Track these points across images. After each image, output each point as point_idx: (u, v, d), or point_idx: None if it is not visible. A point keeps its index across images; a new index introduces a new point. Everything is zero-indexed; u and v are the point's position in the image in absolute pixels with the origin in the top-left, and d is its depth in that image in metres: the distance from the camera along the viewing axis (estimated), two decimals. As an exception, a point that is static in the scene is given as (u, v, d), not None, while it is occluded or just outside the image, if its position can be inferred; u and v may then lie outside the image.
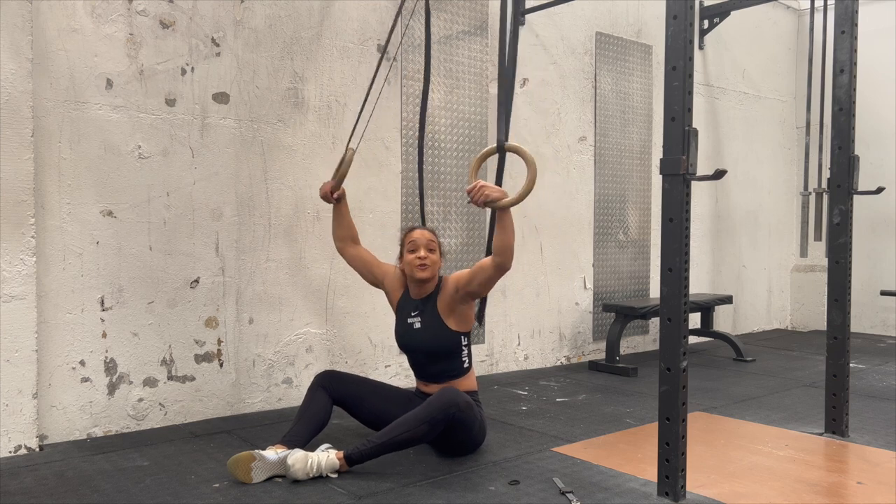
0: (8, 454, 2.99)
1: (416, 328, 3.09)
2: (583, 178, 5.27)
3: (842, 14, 3.27)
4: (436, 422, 2.73)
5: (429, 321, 3.06)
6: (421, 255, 3.03)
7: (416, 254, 3.04)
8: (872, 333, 6.59)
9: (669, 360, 2.52)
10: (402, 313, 3.16)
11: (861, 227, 6.19)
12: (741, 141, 6.57)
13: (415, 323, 3.09)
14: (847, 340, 3.30)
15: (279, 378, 3.84)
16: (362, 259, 3.29)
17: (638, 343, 5.73)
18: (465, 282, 2.97)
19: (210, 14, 3.56)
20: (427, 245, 3.05)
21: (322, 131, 3.96)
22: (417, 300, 3.12)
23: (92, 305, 3.27)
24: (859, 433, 3.36)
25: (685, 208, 2.48)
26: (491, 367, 4.78)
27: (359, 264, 3.30)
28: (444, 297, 3.03)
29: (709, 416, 3.69)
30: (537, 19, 4.95)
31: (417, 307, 3.11)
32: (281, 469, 2.67)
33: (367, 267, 3.28)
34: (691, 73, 2.48)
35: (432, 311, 3.06)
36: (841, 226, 3.26)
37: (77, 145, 3.22)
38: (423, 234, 3.08)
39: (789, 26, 7.08)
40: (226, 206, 3.64)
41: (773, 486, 2.67)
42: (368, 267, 3.28)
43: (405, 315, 3.14)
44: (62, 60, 3.18)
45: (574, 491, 2.57)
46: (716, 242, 6.37)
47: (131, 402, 3.39)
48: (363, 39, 4.12)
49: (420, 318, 3.08)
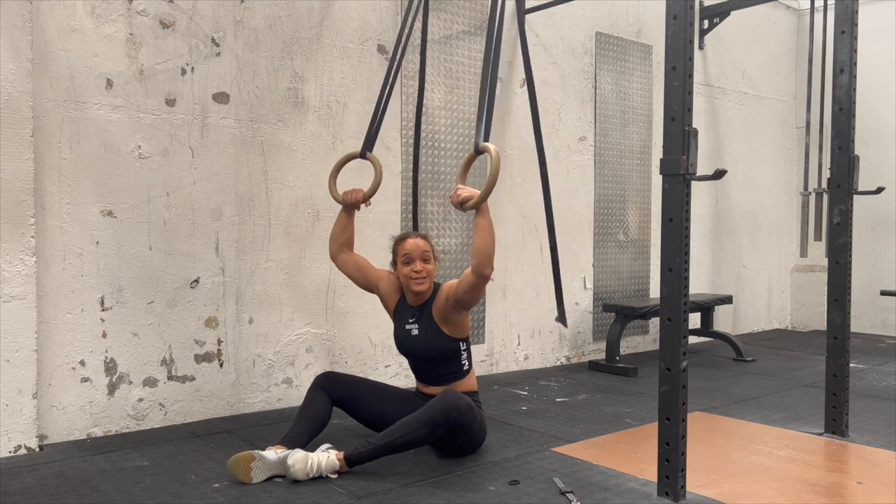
0: (8, 454, 2.99)
1: (414, 335, 3.08)
2: (583, 178, 5.27)
3: (842, 14, 3.27)
4: (436, 425, 2.73)
5: (426, 328, 3.06)
6: (417, 269, 3.01)
7: (411, 267, 3.01)
8: (872, 333, 6.59)
9: (669, 360, 2.52)
10: (399, 319, 3.15)
11: (861, 227, 6.19)
12: (741, 141, 6.57)
13: (413, 329, 3.09)
14: (847, 340, 3.30)
15: (279, 378, 3.84)
16: (357, 264, 3.26)
17: (638, 343, 5.73)
18: (454, 291, 2.94)
19: (210, 14, 3.56)
20: (422, 256, 3.02)
21: (322, 131, 3.96)
22: (414, 307, 3.11)
23: (92, 305, 3.27)
24: (859, 433, 3.36)
25: (685, 208, 2.48)
26: (491, 367, 4.78)
27: (353, 269, 3.25)
28: (438, 306, 3.02)
29: (709, 416, 3.69)
30: (537, 19, 4.95)
31: (414, 314, 3.10)
32: (281, 469, 2.67)
33: (362, 272, 3.25)
34: (691, 73, 2.48)
35: (429, 318, 3.06)
36: (841, 226, 3.26)
37: (77, 145, 3.22)
38: (417, 244, 3.03)
39: (789, 26, 7.08)
40: (226, 206, 3.64)
41: (773, 486, 2.67)
42: (363, 272, 3.25)
43: (403, 321, 3.13)
44: (62, 60, 3.18)
45: (574, 491, 2.57)
46: (716, 242, 6.37)
47: (131, 402, 3.39)
48: (363, 39, 4.12)
49: (417, 325, 3.08)
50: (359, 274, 3.26)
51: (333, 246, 3.28)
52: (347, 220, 3.27)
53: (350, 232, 3.28)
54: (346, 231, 3.27)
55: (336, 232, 3.27)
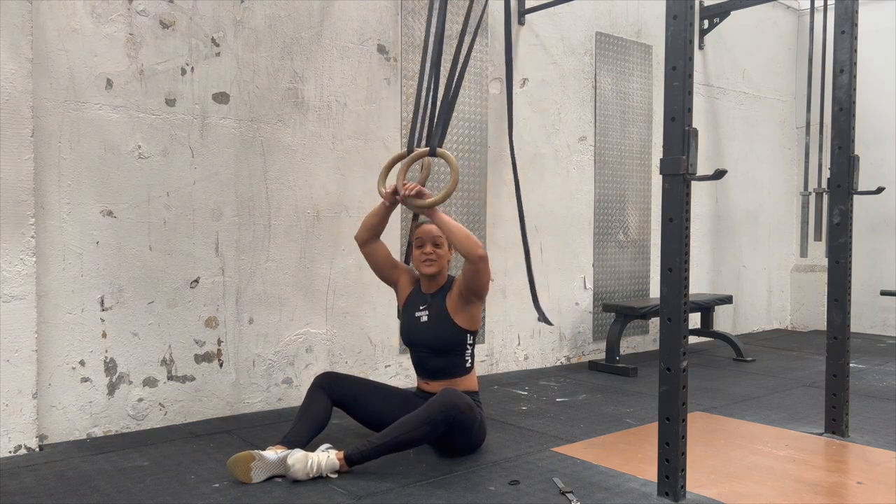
0: (8, 454, 2.99)
1: (423, 321, 3.10)
2: (583, 178, 5.27)
3: (842, 14, 3.27)
4: (436, 423, 2.73)
5: (436, 315, 3.08)
6: (427, 251, 3.07)
7: (422, 249, 3.08)
8: (872, 333, 6.59)
9: (669, 360, 2.52)
10: (409, 307, 3.18)
11: (861, 227, 6.19)
12: (741, 141, 6.57)
13: (422, 317, 3.11)
14: (847, 340, 3.30)
15: (279, 378, 3.84)
16: (385, 253, 3.22)
17: (638, 343, 5.73)
18: (461, 280, 3.03)
19: (210, 14, 3.56)
20: (433, 240, 3.08)
21: (322, 131, 3.96)
22: (427, 294, 3.15)
23: (92, 305, 3.27)
24: (859, 433, 3.36)
25: (685, 208, 2.48)
26: (491, 367, 4.78)
27: (380, 257, 3.20)
28: (452, 297, 3.08)
29: (709, 416, 3.69)
30: (537, 19, 4.95)
31: (426, 301, 3.13)
32: (280, 469, 2.67)
33: (389, 261, 3.22)
34: (691, 73, 2.48)
35: (441, 305, 3.09)
36: (841, 226, 3.26)
37: (77, 145, 3.22)
38: (430, 230, 3.09)
39: (789, 26, 7.07)
40: (226, 206, 3.64)
41: (773, 486, 2.67)
42: (390, 261, 3.22)
43: (413, 309, 3.15)
44: (62, 60, 3.18)
45: (574, 491, 2.57)
46: (716, 242, 6.37)
47: (131, 402, 3.39)
48: (363, 39, 4.12)
49: (428, 312, 3.11)
50: (385, 262, 3.21)
51: (365, 233, 3.16)
52: (385, 213, 3.15)
53: (384, 224, 3.18)
54: (382, 223, 3.17)
55: (372, 222, 3.14)
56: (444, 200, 2.99)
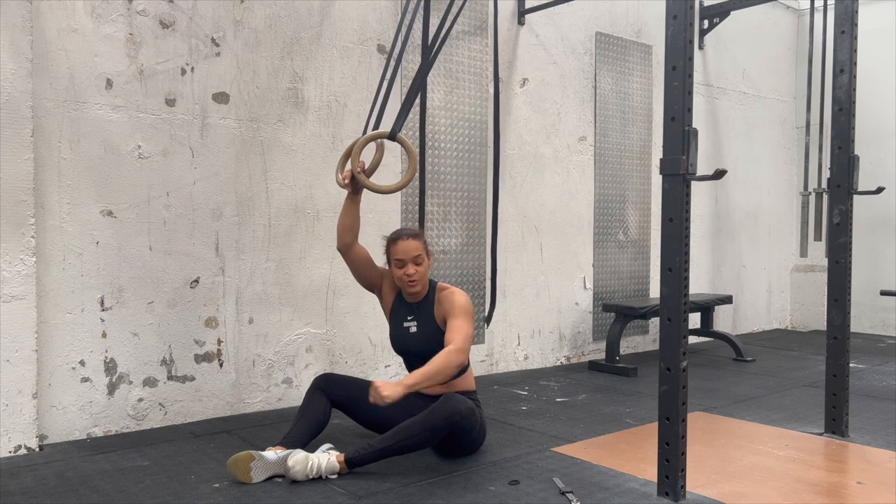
0: (8, 454, 3.00)
1: (413, 332, 3.08)
2: (583, 178, 5.28)
3: (842, 14, 3.27)
4: (438, 429, 2.74)
5: (424, 326, 3.06)
6: (409, 273, 2.98)
7: (404, 270, 2.99)
8: (872, 333, 6.59)
9: (669, 360, 2.52)
10: (396, 317, 3.14)
11: (861, 227, 6.20)
12: (741, 141, 6.57)
13: (411, 327, 3.09)
14: (847, 340, 3.30)
15: (279, 378, 3.84)
16: (368, 261, 3.16)
17: (638, 343, 5.73)
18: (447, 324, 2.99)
19: (210, 14, 3.56)
20: (414, 260, 2.99)
21: (322, 131, 3.96)
22: (412, 304, 3.11)
23: (92, 305, 3.27)
24: (859, 433, 3.36)
25: (685, 208, 2.48)
26: (491, 367, 4.78)
27: (363, 266, 3.15)
28: (439, 310, 3.03)
29: (709, 416, 3.69)
30: (537, 19, 4.96)
31: (412, 311, 3.10)
32: (280, 469, 2.67)
33: (372, 270, 3.17)
34: (691, 73, 2.48)
35: (428, 316, 3.06)
36: (841, 226, 3.26)
37: (77, 145, 3.22)
38: (408, 248, 2.98)
39: (789, 26, 7.07)
40: (226, 206, 3.64)
41: (773, 486, 2.67)
42: (372, 269, 3.17)
43: (400, 319, 3.12)
44: (62, 60, 3.18)
45: (574, 491, 2.57)
46: (716, 242, 6.37)
47: (131, 402, 3.39)
48: (363, 39, 4.12)
49: (416, 322, 3.08)
50: (368, 270, 3.16)
51: (347, 238, 3.08)
52: (353, 208, 3.08)
53: (358, 222, 3.11)
54: (355, 219, 3.09)
55: (346, 225, 3.07)
56: (403, 187, 3.10)
